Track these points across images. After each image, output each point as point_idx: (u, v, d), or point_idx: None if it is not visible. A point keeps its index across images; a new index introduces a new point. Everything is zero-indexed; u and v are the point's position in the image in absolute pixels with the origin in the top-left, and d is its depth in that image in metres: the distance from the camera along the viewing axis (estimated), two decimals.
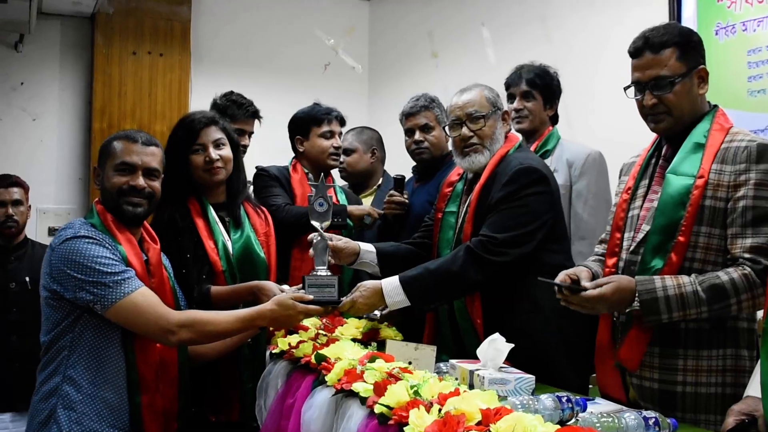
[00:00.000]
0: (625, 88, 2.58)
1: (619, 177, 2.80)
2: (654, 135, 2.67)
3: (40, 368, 2.66)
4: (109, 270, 2.56)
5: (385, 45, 7.04)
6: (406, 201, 3.87)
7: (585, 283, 2.37)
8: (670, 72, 2.47)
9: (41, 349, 2.67)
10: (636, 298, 2.32)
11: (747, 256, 2.30)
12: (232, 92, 4.33)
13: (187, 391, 2.84)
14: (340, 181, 4.53)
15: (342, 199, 4.00)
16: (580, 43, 4.89)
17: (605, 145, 3.89)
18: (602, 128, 4.53)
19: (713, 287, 2.29)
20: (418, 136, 3.89)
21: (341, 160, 4.31)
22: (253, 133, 4.29)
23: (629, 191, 2.65)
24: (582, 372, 2.88)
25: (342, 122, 4.04)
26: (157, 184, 2.79)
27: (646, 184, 2.61)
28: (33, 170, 5.95)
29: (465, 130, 3.03)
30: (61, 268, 2.57)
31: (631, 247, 2.52)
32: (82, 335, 2.60)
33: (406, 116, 3.96)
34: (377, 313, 3.15)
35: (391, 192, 3.91)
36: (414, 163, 4.10)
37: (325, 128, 3.95)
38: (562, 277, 2.49)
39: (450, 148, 3.85)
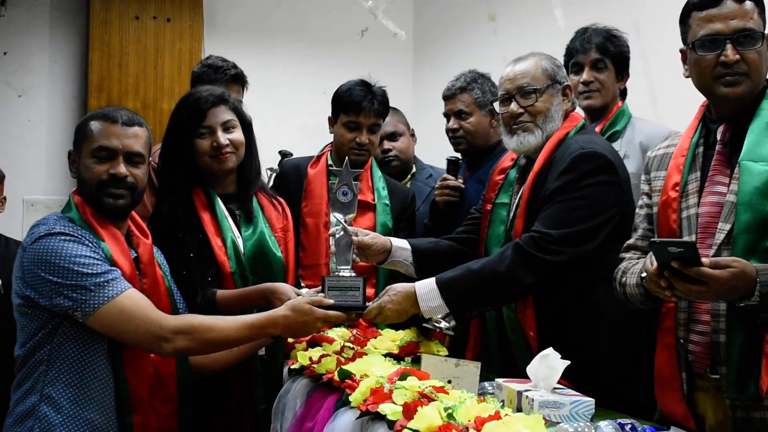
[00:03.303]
0: (691, 44, 2.58)
1: (648, 173, 2.80)
2: (691, 120, 2.70)
3: (14, 386, 2.72)
4: (89, 271, 2.61)
5: (432, 7, 7.07)
6: (462, 185, 3.91)
7: (704, 260, 2.24)
8: (756, 26, 2.48)
9: (15, 364, 2.72)
10: (757, 291, 2.23)
11: None
12: (210, 56, 4.37)
13: (187, 409, 2.91)
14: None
15: (382, 192, 4.00)
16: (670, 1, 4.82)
17: None
18: (697, 105, 4.48)
19: None
20: (452, 123, 3.98)
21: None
22: (241, 102, 4.17)
23: (677, 188, 2.62)
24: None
25: (380, 113, 3.96)
26: (139, 172, 2.82)
27: (698, 177, 2.59)
28: (19, 155, 6.12)
29: (514, 106, 3.06)
30: (34, 271, 2.62)
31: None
32: (62, 347, 2.65)
33: (444, 99, 4.06)
34: (443, 324, 3.16)
35: (445, 176, 3.96)
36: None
37: (351, 117, 3.93)
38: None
39: (498, 132, 3.89)
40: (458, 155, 4.09)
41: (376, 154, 4.04)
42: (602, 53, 3.71)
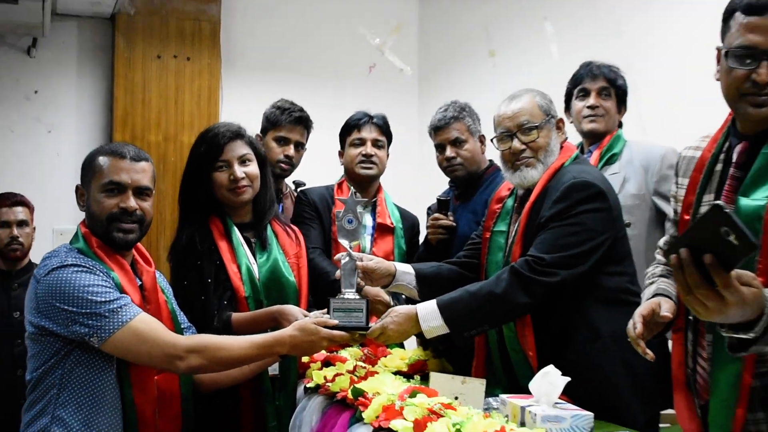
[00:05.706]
0: (726, 51, 2.22)
1: (677, 175, 2.57)
2: (718, 128, 2.40)
3: (25, 408, 2.71)
4: (102, 299, 2.61)
5: (436, 43, 7.10)
6: (454, 224, 3.92)
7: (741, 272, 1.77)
8: None
9: (26, 387, 2.71)
10: (765, 314, 1.83)
11: None
12: (281, 99, 4.40)
13: (191, 427, 2.90)
14: (402, 196, 4.58)
15: (395, 217, 4.11)
16: (657, 39, 4.80)
17: None
18: (684, 137, 4.45)
19: None
20: (449, 152, 3.95)
21: None
22: (302, 144, 4.25)
23: (690, 209, 2.37)
24: (651, 407, 2.89)
25: (381, 128, 4.11)
26: (147, 205, 2.83)
27: (712, 200, 2.26)
28: (49, 187, 6.12)
29: (516, 143, 3.05)
30: (49, 302, 2.62)
31: None
32: (73, 371, 2.64)
33: (435, 130, 4.02)
34: None
35: (436, 215, 3.96)
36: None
37: (354, 136, 4.08)
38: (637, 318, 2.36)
39: (486, 159, 3.98)
40: (447, 194, 4.12)
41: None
42: (609, 83, 3.83)
